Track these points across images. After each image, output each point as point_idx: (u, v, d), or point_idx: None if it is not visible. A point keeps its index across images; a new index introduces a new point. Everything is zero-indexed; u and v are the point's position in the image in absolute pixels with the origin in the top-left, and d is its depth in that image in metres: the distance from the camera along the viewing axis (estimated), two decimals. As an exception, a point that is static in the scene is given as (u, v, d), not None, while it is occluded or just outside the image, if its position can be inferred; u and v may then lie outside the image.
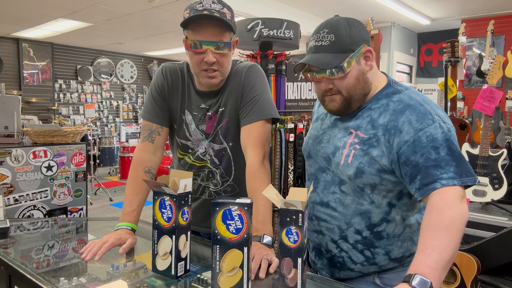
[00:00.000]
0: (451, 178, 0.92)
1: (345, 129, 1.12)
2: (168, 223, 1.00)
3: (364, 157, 1.04)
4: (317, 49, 1.05)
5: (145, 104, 1.41)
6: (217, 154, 1.38)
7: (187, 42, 1.23)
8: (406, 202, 1.09)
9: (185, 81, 1.38)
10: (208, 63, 1.23)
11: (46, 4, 5.37)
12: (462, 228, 0.89)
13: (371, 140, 1.04)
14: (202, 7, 1.18)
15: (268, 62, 2.82)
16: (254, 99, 1.31)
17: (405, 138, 0.98)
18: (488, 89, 2.42)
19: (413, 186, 0.97)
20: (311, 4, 5.83)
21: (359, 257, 1.11)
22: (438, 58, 7.60)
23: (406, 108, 1.02)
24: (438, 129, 0.97)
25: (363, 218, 1.08)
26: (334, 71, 1.03)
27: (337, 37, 1.03)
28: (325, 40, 1.04)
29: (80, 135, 2.68)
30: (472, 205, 2.54)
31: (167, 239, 1.00)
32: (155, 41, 8.00)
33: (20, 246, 1.29)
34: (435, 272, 0.82)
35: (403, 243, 1.11)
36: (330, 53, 1.03)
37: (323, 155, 1.16)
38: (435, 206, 0.91)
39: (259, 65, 1.40)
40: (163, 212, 1.01)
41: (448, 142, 0.95)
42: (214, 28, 1.21)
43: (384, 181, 1.04)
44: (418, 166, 0.95)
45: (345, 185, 1.09)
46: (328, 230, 1.14)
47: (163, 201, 1.01)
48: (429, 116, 0.99)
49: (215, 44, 1.22)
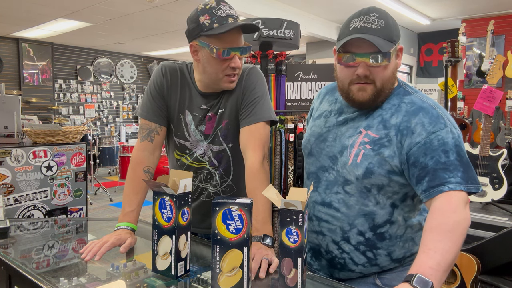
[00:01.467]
0: (458, 183, 0.93)
1: (354, 128, 1.09)
2: (168, 223, 1.00)
3: (374, 157, 1.03)
4: (367, 30, 0.98)
5: (143, 102, 1.39)
6: (216, 156, 1.38)
7: (219, 51, 1.21)
8: (409, 204, 1.09)
9: (185, 81, 1.38)
10: (234, 69, 1.26)
11: (46, 4, 5.37)
12: (464, 232, 0.90)
13: (383, 140, 1.03)
14: (224, 14, 1.19)
15: (268, 62, 2.81)
16: (254, 101, 1.32)
17: (416, 139, 0.99)
18: (488, 89, 2.42)
19: (419, 188, 0.97)
20: (311, 4, 5.83)
21: (361, 259, 1.10)
22: (438, 58, 7.60)
23: (419, 110, 1.02)
24: (449, 134, 0.98)
25: (366, 219, 1.07)
26: (380, 58, 0.99)
27: (387, 25, 1.00)
28: (375, 23, 0.99)
29: (80, 135, 2.68)
30: (472, 205, 2.54)
31: (167, 239, 1.00)
32: (155, 41, 8.00)
33: (20, 246, 1.29)
34: (436, 273, 0.82)
35: (404, 244, 1.11)
36: (381, 38, 0.98)
37: (327, 153, 1.13)
38: (439, 209, 0.91)
39: (259, 68, 1.40)
40: (163, 212, 1.01)
41: (458, 148, 0.97)
42: (239, 34, 1.24)
43: (392, 183, 1.04)
44: (427, 168, 0.96)
45: (350, 186, 1.08)
46: (329, 231, 1.12)
47: (163, 201, 1.01)
48: (441, 120, 1.00)
49: (241, 50, 1.24)
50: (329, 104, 1.21)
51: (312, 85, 2.87)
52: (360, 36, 0.98)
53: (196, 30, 1.22)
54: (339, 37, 1.05)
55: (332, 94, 1.23)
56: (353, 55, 1.01)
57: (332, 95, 1.23)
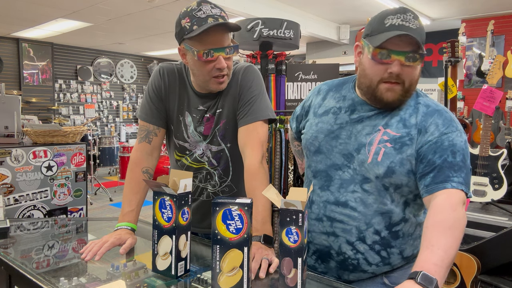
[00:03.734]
0: (460, 183, 0.97)
1: (372, 126, 1.08)
2: (168, 223, 1.00)
3: (396, 156, 1.04)
4: (407, 29, 0.98)
5: (142, 104, 1.40)
6: (215, 156, 1.38)
7: (199, 53, 1.19)
8: (419, 202, 1.11)
9: (183, 82, 1.38)
10: (220, 70, 1.23)
11: (46, 4, 5.37)
12: (463, 230, 0.93)
13: (404, 139, 1.04)
14: (204, 14, 1.16)
15: (268, 62, 2.82)
16: (251, 100, 1.31)
17: (429, 138, 1.02)
18: (488, 89, 2.42)
19: (422, 182, 1.00)
20: (311, 4, 5.82)
21: (375, 258, 1.10)
22: (438, 58, 7.60)
23: (434, 111, 1.06)
24: (459, 137, 1.02)
25: (383, 218, 1.07)
26: (416, 57, 0.99)
27: (421, 26, 1.01)
28: (412, 23, 0.99)
29: (80, 135, 2.68)
30: (472, 205, 2.54)
31: (167, 239, 1.00)
32: (155, 41, 8.00)
33: (20, 246, 1.29)
34: (440, 270, 0.84)
35: (414, 242, 1.13)
36: (418, 38, 0.98)
37: (341, 151, 1.11)
38: (440, 206, 0.94)
39: (254, 66, 1.39)
40: (163, 212, 1.01)
41: (464, 152, 1.01)
42: (222, 34, 1.20)
43: (410, 182, 1.05)
44: (434, 165, 0.99)
45: (369, 184, 1.07)
46: (343, 231, 1.10)
47: (163, 201, 1.01)
48: (453, 123, 1.04)
49: (225, 50, 1.21)
50: (336, 101, 1.18)
51: (312, 85, 2.87)
52: (405, 33, 0.96)
53: (179, 34, 1.22)
54: (372, 33, 1.03)
55: (338, 91, 1.20)
56: (389, 52, 0.99)
57: (337, 91, 1.20)
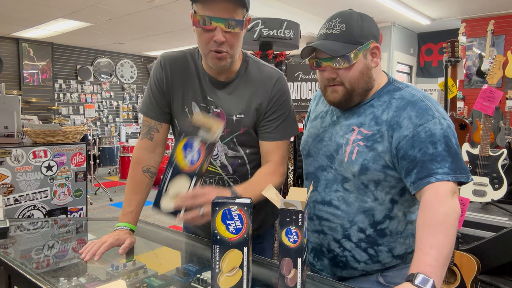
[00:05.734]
0: (446, 173, 0.94)
1: (347, 126, 1.12)
2: (192, 165, 1.00)
3: (368, 153, 1.05)
4: (327, 36, 1.06)
5: (144, 98, 1.33)
6: (232, 162, 1.29)
7: (196, 17, 1.09)
8: (408, 199, 1.10)
9: (189, 69, 1.27)
10: (217, 43, 1.11)
11: (46, 4, 5.37)
12: (456, 223, 0.91)
13: (375, 136, 1.05)
14: None
15: (268, 62, 2.82)
16: (281, 116, 1.27)
17: (404, 133, 1.00)
18: (488, 89, 2.42)
19: (408, 180, 0.99)
20: (311, 4, 5.83)
21: (362, 256, 1.11)
22: (438, 58, 7.60)
23: (407, 104, 1.04)
24: (437, 125, 0.98)
25: (366, 216, 1.09)
26: (340, 61, 1.04)
27: (348, 28, 1.04)
28: (336, 28, 1.05)
29: (80, 135, 2.68)
30: (472, 205, 2.54)
31: (184, 181, 0.99)
32: (155, 41, 8.00)
33: (20, 246, 1.29)
34: (436, 270, 0.83)
35: (405, 240, 1.12)
36: (339, 42, 1.04)
37: (325, 153, 1.15)
38: (428, 202, 0.93)
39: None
40: (187, 154, 1.00)
41: (446, 139, 0.97)
42: (227, 3, 1.08)
43: (388, 177, 1.05)
44: (415, 160, 0.97)
45: (348, 183, 1.09)
46: (330, 229, 1.13)
47: (189, 143, 1.01)
48: (429, 112, 1.01)
49: (226, 22, 1.09)
50: (324, 105, 1.24)
51: (312, 85, 2.87)
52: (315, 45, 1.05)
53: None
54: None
55: None
56: (319, 60, 1.08)
57: None
